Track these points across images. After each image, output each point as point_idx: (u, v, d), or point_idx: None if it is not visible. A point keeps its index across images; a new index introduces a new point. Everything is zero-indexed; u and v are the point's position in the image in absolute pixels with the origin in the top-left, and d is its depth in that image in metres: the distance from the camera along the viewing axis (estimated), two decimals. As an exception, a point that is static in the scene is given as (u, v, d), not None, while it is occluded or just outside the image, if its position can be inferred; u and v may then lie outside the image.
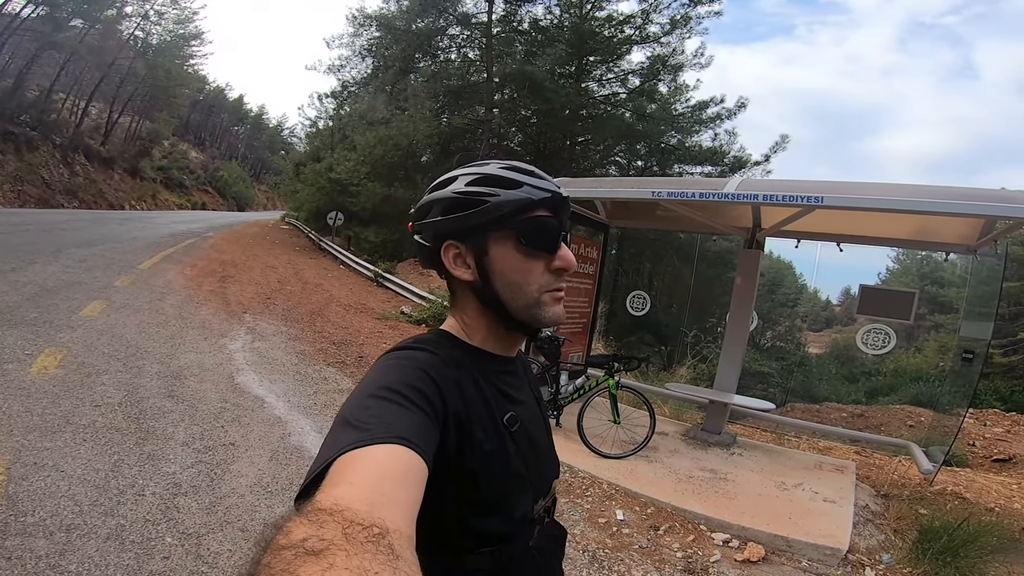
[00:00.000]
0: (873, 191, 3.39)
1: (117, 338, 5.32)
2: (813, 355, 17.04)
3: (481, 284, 0.72)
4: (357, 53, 18.13)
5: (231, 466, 3.08)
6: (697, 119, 17.30)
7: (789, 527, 3.11)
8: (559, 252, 0.73)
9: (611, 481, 3.69)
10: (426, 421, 0.59)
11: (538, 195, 0.71)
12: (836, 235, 4.79)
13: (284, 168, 28.28)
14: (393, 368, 0.65)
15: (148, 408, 3.77)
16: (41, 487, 2.49)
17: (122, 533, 2.25)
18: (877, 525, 3.48)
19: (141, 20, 30.39)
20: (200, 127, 54.26)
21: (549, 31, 15.91)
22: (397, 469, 0.50)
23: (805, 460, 4.54)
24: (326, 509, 0.40)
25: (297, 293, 10.24)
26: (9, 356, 4.19)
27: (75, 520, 2.29)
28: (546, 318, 0.73)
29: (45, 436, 3.03)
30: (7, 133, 21.35)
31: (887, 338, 4.53)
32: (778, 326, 26.01)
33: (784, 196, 3.57)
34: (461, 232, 0.72)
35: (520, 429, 0.74)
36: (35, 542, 2.10)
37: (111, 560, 2.08)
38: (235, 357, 5.50)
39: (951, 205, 3.02)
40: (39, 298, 6.12)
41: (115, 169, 30.59)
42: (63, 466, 2.73)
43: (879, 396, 11.77)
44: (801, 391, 13.42)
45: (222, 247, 14.92)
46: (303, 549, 0.36)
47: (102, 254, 10.25)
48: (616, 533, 3.06)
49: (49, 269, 7.76)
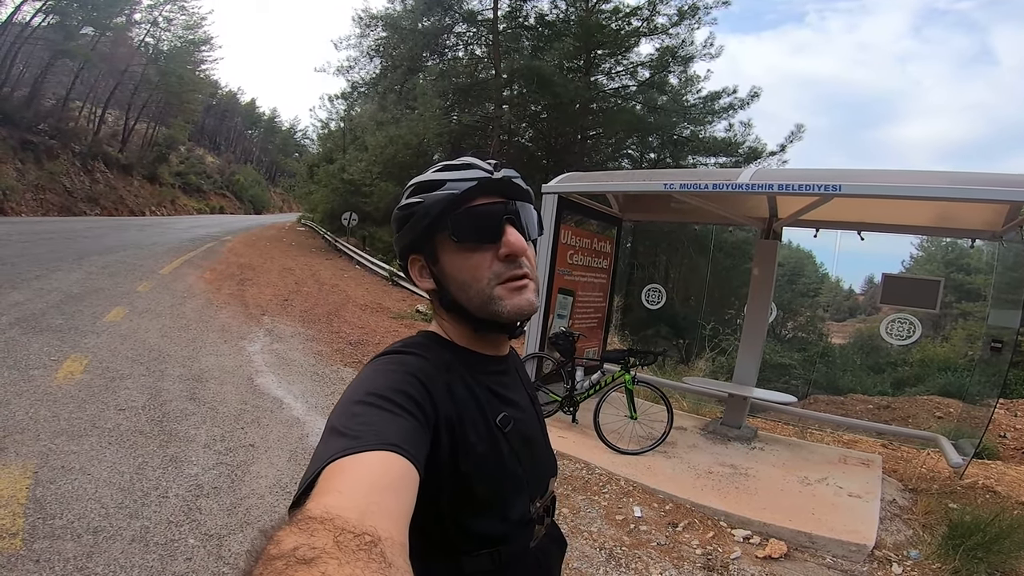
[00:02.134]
0: (893, 178, 3.29)
1: (140, 342, 5.43)
2: (836, 346, 16.69)
3: (440, 291, 0.73)
4: (365, 54, 18.22)
5: (251, 467, 3.13)
6: (710, 110, 17.03)
7: (812, 523, 3.05)
8: (504, 239, 0.69)
9: (628, 477, 3.66)
10: (416, 427, 0.58)
11: (462, 187, 0.68)
12: (856, 223, 4.67)
13: (298, 170, 28.63)
14: (382, 373, 0.65)
15: (171, 411, 3.84)
16: (68, 490, 2.56)
17: (146, 535, 2.29)
18: (905, 520, 3.40)
19: (151, 27, 30.97)
20: (215, 132, 55.18)
21: (556, 25, 15.78)
22: (388, 476, 0.50)
23: (829, 454, 4.45)
24: (316, 517, 0.40)
25: (314, 294, 10.36)
26: (35, 362, 4.31)
27: (101, 523, 2.34)
28: (505, 312, 0.69)
29: (72, 440, 3.10)
30: (26, 142, 21.89)
31: (912, 328, 4.40)
32: (799, 317, 25.57)
33: (801, 185, 3.48)
34: (414, 245, 0.73)
35: (513, 429, 0.73)
36: (63, 545, 2.15)
37: (136, 562, 2.12)
38: (254, 359, 5.58)
39: (973, 191, 2.92)
40: (63, 305, 6.28)
41: (134, 176, 31.29)
42: (89, 469, 2.79)
43: (906, 387, 11.48)
44: (824, 383, 13.16)
45: (240, 251, 15.18)
46: (294, 558, 0.35)
47: (124, 260, 10.49)
48: (634, 530, 3.03)
49: (72, 276, 7.96)
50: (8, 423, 3.17)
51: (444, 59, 17.40)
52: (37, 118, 23.64)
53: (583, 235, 5.58)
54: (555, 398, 4.77)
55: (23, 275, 7.40)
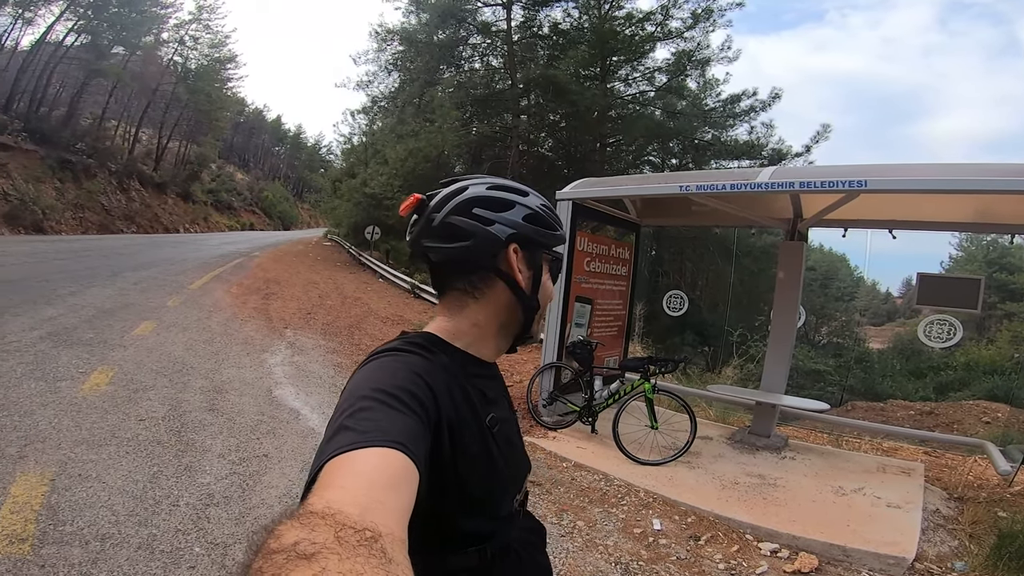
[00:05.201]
0: (921, 172, 3.11)
1: (165, 355, 5.55)
2: (874, 350, 16.01)
3: (529, 293, 0.79)
4: (383, 68, 18.64)
5: (263, 477, 3.12)
6: (730, 113, 16.78)
7: (846, 535, 2.86)
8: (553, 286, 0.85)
9: (648, 489, 3.51)
10: (419, 425, 0.59)
11: (564, 238, 0.85)
12: (887, 221, 4.45)
13: (323, 185, 29.28)
14: (388, 370, 0.66)
15: (189, 421, 3.89)
16: (82, 498, 2.58)
17: (153, 543, 2.29)
18: (949, 530, 3.16)
19: (178, 45, 32.10)
20: (243, 149, 57.03)
21: (570, 34, 15.83)
22: (390, 473, 0.50)
23: (866, 463, 4.21)
24: (318, 512, 0.40)
25: (337, 307, 10.48)
26: (64, 374, 4.43)
27: (110, 530, 2.35)
28: (536, 332, 0.84)
29: (91, 449, 3.15)
30: (65, 161, 22.85)
31: (953, 329, 4.15)
32: (833, 321, 24.71)
33: (823, 182, 3.34)
34: (529, 241, 0.78)
35: (499, 430, 0.76)
36: (70, 551, 2.16)
37: (140, 569, 2.11)
38: (274, 371, 5.64)
39: (1008, 182, 2.73)
40: (95, 320, 6.49)
41: (168, 194, 32.53)
42: (105, 477, 2.82)
43: (949, 392, 10.89)
44: (862, 389, 12.59)
45: (267, 266, 15.53)
46: (295, 553, 0.35)
47: (155, 276, 10.84)
48: (652, 544, 2.89)
49: (106, 292, 8.25)
50: (31, 432, 3.25)
51: (460, 71, 17.64)
52: (75, 137, 24.66)
53: (600, 241, 5.49)
54: (573, 408, 4.66)
55: (58, 291, 7.69)
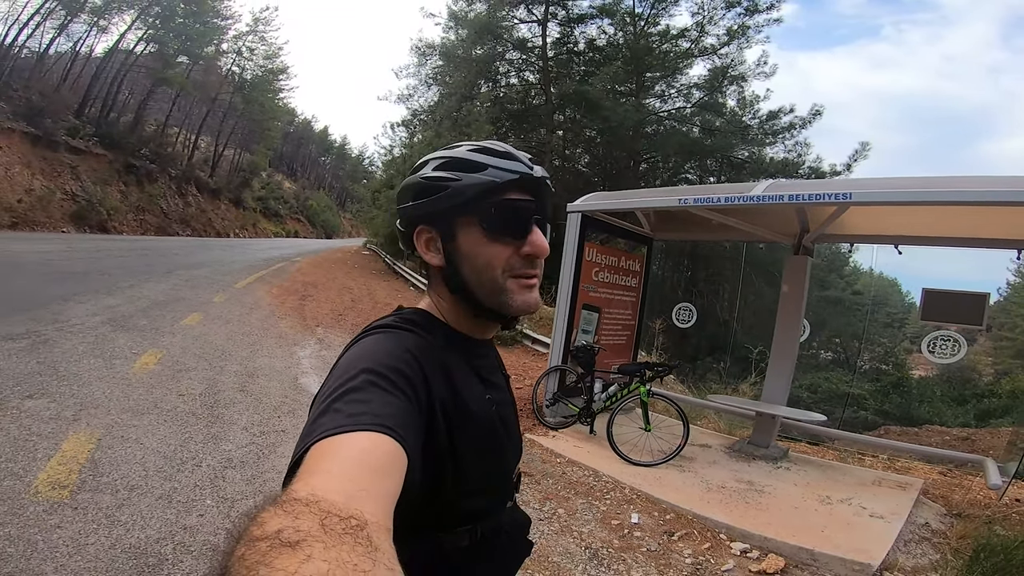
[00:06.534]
0: (907, 184, 3.18)
1: (208, 343, 6.09)
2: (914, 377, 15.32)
3: (449, 270, 0.72)
4: (423, 82, 19.41)
5: (277, 448, 3.48)
6: (770, 130, 16.57)
7: (818, 540, 2.93)
8: (529, 237, 0.70)
9: (634, 486, 3.66)
10: (409, 407, 0.58)
11: (504, 176, 0.69)
12: (893, 236, 4.47)
13: (364, 196, 30.38)
14: (378, 349, 0.64)
15: (222, 399, 4.33)
16: (121, 455, 3.00)
17: (172, 494, 2.67)
18: (934, 544, 3.17)
19: (236, 56, 34.20)
20: (292, 158, 59.81)
21: (605, 50, 16.08)
22: (376, 458, 0.49)
23: (863, 476, 4.20)
24: (302, 499, 0.39)
25: (367, 310, 10.98)
26: (119, 354, 4.99)
27: (139, 482, 2.75)
28: (513, 305, 0.71)
29: (135, 416, 3.61)
30: (130, 166, 24.79)
31: (957, 345, 4.12)
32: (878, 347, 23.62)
33: (812, 195, 3.46)
34: (430, 217, 0.71)
35: (496, 410, 0.75)
36: (102, 497, 2.56)
37: (156, 514, 2.48)
38: (302, 362, 6.08)
39: (995, 194, 2.79)
40: (150, 310, 7.16)
41: (221, 199, 34.60)
42: (143, 440, 3.25)
43: (991, 419, 10.36)
44: (897, 414, 12.09)
45: (307, 270, 16.36)
46: (278, 540, 0.35)
47: (205, 275, 11.70)
48: (627, 535, 3.05)
49: (160, 287, 9.03)
50: (87, 399, 3.74)
51: (497, 86, 18.16)
52: (140, 143, 26.66)
53: (609, 253, 5.68)
54: (574, 409, 4.85)
55: (119, 284, 8.51)
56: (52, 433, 3.13)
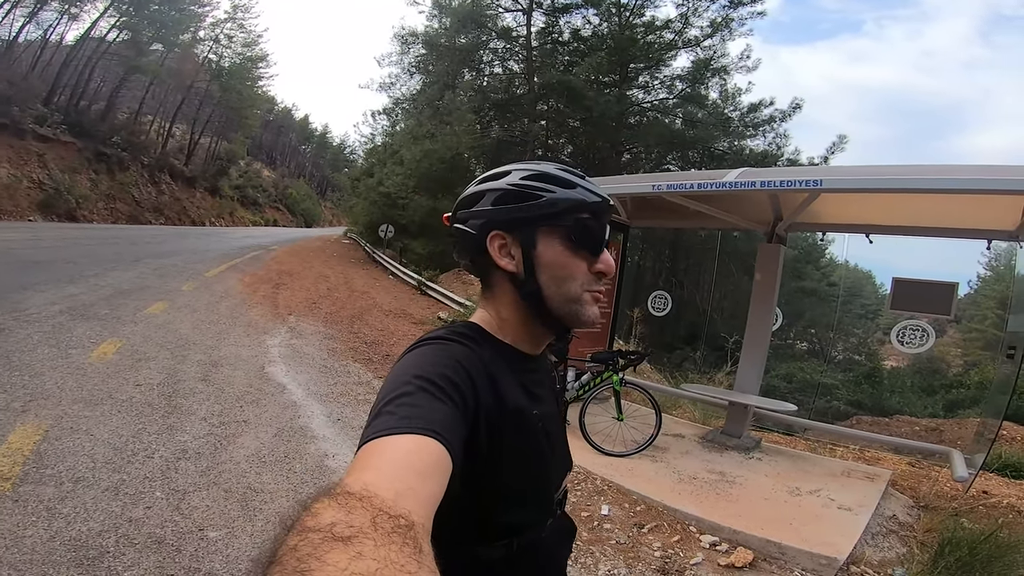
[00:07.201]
0: (876, 172, 3.18)
1: (172, 332, 5.88)
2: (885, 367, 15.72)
3: (524, 277, 0.73)
4: (406, 70, 19.08)
5: (237, 439, 3.35)
6: (751, 122, 16.69)
7: (786, 533, 2.92)
8: (602, 256, 0.74)
9: (605, 477, 3.63)
10: (456, 415, 0.59)
11: (591, 198, 0.74)
12: (863, 226, 4.50)
13: (344, 184, 29.93)
14: (431, 357, 0.66)
15: (181, 389, 4.17)
16: (69, 447, 2.85)
17: (120, 486, 2.54)
18: (901, 537, 3.20)
19: (213, 44, 33.19)
20: (271, 147, 58.57)
21: (590, 40, 15.98)
22: (424, 461, 0.50)
23: (832, 467, 4.23)
24: (355, 494, 0.40)
25: (343, 299, 10.79)
26: (76, 343, 4.78)
27: (85, 474, 2.61)
28: (585, 316, 0.74)
29: (87, 407, 3.44)
30: (100, 154, 24.01)
31: (925, 335, 4.16)
32: (851, 337, 24.17)
33: (783, 181, 3.43)
34: (511, 223, 0.73)
35: (543, 425, 0.75)
36: (44, 489, 2.42)
37: (101, 507, 2.36)
38: (270, 351, 5.92)
39: (963, 181, 2.79)
40: (113, 298, 6.90)
41: (197, 188, 33.71)
42: (93, 431, 3.09)
43: (959, 409, 10.68)
44: (869, 404, 12.40)
45: (283, 259, 16.01)
46: (331, 534, 0.36)
47: (175, 264, 11.35)
48: (597, 527, 3.01)
49: (126, 275, 8.72)
50: (36, 390, 3.56)
51: (480, 75, 17.93)
52: (111, 131, 25.85)
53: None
54: (549, 398, 4.80)
55: (83, 272, 8.18)
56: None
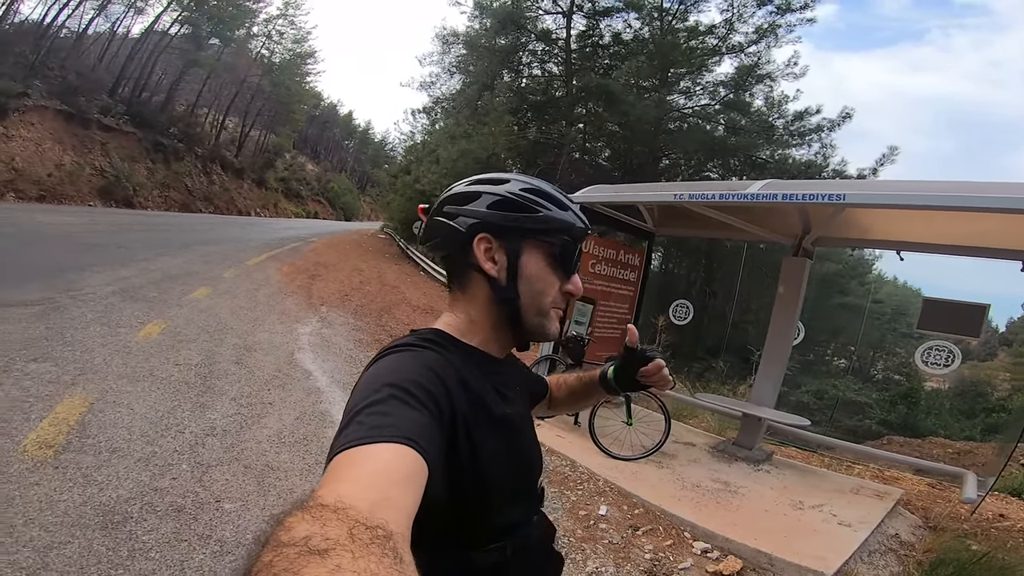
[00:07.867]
0: (901, 188, 3.11)
1: (212, 316, 6.28)
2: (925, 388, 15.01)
3: (505, 283, 0.75)
4: (446, 70, 19.36)
5: (262, 420, 3.60)
6: (796, 131, 16.15)
7: (778, 544, 2.92)
8: (573, 278, 0.79)
9: (607, 479, 3.69)
10: (432, 422, 0.59)
11: (578, 224, 0.79)
12: (895, 242, 4.38)
13: (383, 180, 30.62)
14: (402, 364, 0.66)
15: (216, 370, 4.48)
16: (110, 419, 3.15)
17: (151, 458, 2.80)
18: (900, 556, 3.14)
19: (265, 39, 34.81)
20: (316, 141, 60.40)
21: (630, 44, 15.83)
22: (400, 470, 0.50)
23: (843, 483, 4.16)
24: (329, 506, 0.40)
25: (374, 293, 11.14)
26: (124, 323, 5.18)
27: (121, 445, 2.88)
28: (548, 330, 0.78)
29: (130, 383, 3.76)
30: (158, 144, 25.51)
31: (951, 356, 4.04)
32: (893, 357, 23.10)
33: (806, 195, 3.40)
34: (502, 229, 0.75)
35: (515, 426, 0.77)
36: (84, 458, 2.69)
37: (132, 476, 2.61)
38: (301, 339, 6.23)
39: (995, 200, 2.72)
40: (161, 282, 7.39)
41: (245, 179, 35.29)
42: (133, 405, 3.40)
43: (996, 433, 10.12)
44: (901, 424, 11.88)
45: (321, 251, 16.60)
46: (307, 548, 0.35)
47: (220, 251, 11.99)
48: (592, 526, 3.09)
49: (174, 261, 9.30)
50: (87, 365, 3.91)
51: (519, 76, 18.03)
52: (170, 122, 27.44)
53: (608, 245, 5.67)
54: (561, 400, 4.88)
55: (135, 257, 8.79)
56: (49, 395, 3.29)
